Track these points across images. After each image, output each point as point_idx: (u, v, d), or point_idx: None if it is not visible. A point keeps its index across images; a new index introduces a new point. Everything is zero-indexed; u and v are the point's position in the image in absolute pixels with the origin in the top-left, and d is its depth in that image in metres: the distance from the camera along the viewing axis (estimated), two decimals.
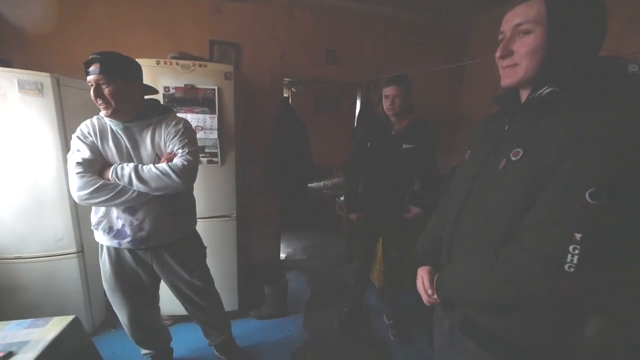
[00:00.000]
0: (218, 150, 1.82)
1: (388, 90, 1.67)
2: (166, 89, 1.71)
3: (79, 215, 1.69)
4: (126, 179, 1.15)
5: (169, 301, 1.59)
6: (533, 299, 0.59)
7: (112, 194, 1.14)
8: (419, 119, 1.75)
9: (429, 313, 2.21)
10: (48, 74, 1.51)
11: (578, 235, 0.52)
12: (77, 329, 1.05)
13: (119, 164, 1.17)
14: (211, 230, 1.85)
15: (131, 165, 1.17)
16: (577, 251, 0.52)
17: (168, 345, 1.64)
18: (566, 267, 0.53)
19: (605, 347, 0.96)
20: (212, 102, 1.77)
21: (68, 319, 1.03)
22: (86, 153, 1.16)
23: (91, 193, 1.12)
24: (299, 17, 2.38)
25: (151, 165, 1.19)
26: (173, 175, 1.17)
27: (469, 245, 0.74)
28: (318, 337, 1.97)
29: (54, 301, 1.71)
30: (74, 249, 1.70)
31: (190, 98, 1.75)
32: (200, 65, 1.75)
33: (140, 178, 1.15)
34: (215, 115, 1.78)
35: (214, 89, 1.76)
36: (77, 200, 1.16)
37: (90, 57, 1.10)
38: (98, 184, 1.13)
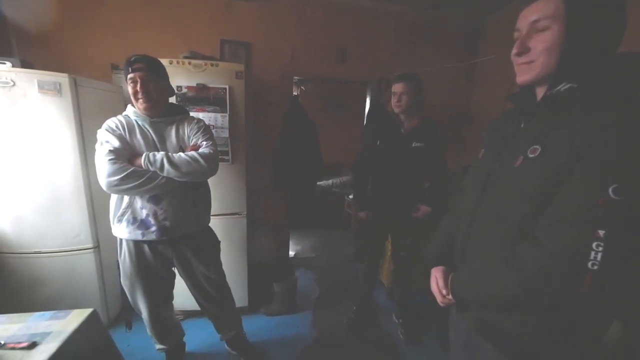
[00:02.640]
0: (229, 149, 1.84)
1: (396, 87, 1.67)
2: (179, 88, 1.74)
3: (95, 212, 1.74)
4: (158, 164, 1.22)
5: (180, 296, 1.63)
6: (552, 297, 0.58)
7: (141, 180, 1.20)
8: (427, 118, 1.74)
9: (441, 313, 2.19)
10: (66, 75, 1.55)
11: (601, 232, 0.51)
12: (95, 321, 1.08)
13: (151, 152, 1.25)
14: (222, 227, 1.88)
15: (162, 152, 1.26)
16: (600, 248, 0.51)
17: (181, 340, 1.68)
18: (589, 264, 0.52)
19: (627, 354, 0.93)
20: (224, 101, 1.79)
21: (87, 311, 1.07)
22: (116, 143, 1.22)
23: (122, 179, 1.18)
24: (309, 15, 2.38)
25: (180, 153, 1.29)
26: (202, 161, 1.28)
27: (483, 244, 0.73)
28: (326, 335, 1.98)
29: (71, 295, 1.76)
30: (90, 245, 1.75)
31: (202, 97, 1.77)
32: (212, 65, 1.77)
33: (172, 163, 1.23)
34: (227, 114, 1.81)
35: (225, 88, 1.78)
36: (105, 187, 1.20)
37: (133, 57, 1.23)
38: (129, 170, 1.19)
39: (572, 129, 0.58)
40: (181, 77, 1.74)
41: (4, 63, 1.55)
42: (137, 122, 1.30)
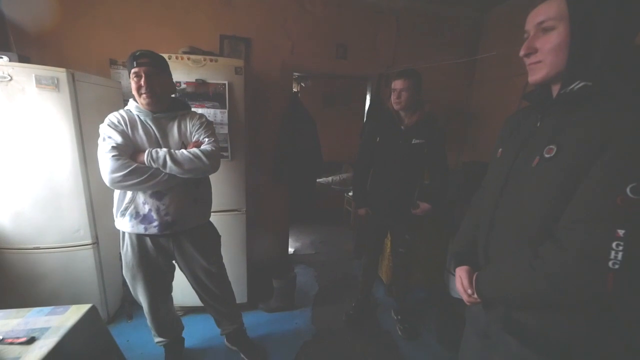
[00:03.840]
0: (228, 145, 1.84)
1: (396, 84, 1.66)
2: (178, 83, 1.72)
3: (94, 208, 1.74)
4: (161, 161, 1.23)
5: (180, 292, 1.64)
6: (574, 296, 0.58)
7: (144, 176, 1.21)
8: (427, 114, 1.73)
9: (439, 310, 2.20)
10: (64, 69, 1.54)
11: (621, 232, 0.51)
12: (94, 316, 1.08)
13: (153, 149, 1.25)
14: (221, 223, 1.86)
15: (164, 149, 1.26)
16: (620, 247, 0.51)
17: (180, 335, 1.68)
18: (610, 263, 0.52)
19: None
20: (223, 97, 1.78)
21: (86, 307, 1.07)
22: (118, 139, 1.22)
23: (125, 175, 1.18)
24: (309, 10, 2.36)
25: (183, 150, 1.29)
26: (204, 158, 1.28)
27: (505, 244, 0.74)
28: (325, 331, 1.99)
29: (70, 290, 1.76)
30: (89, 241, 1.75)
31: (201, 93, 1.76)
32: (211, 60, 1.76)
33: (174, 160, 1.24)
34: (226, 110, 1.80)
35: (224, 84, 1.77)
36: (108, 183, 1.21)
37: (138, 52, 1.23)
38: (132, 167, 1.19)
39: (587, 127, 0.58)
40: (180, 72, 1.73)
41: (1, 57, 1.53)
42: (139, 117, 1.30)
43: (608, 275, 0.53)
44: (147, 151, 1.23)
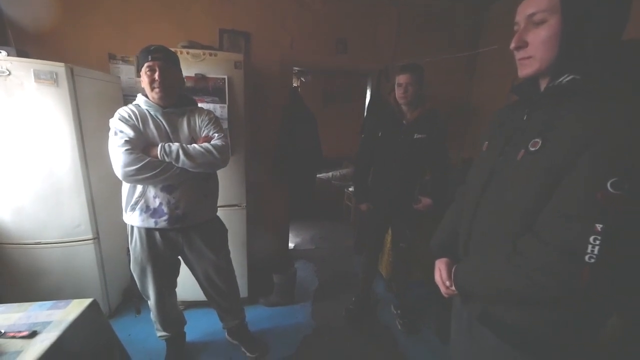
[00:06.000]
0: (228, 140, 1.82)
1: (401, 78, 1.65)
2: None
3: (94, 203, 1.74)
4: (174, 155, 1.24)
5: (181, 287, 1.64)
6: (551, 291, 0.58)
7: (157, 170, 1.22)
8: (431, 109, 1.72)
9: (438, 304, 2.22)
10: (62, 64, 1.53)
11: (599, 226, 0.51)
12: (95, 311, 1.09)
13: (166, 143, 1.26)
14: (222, 219, 1.87)
15: (177, 143, 1.28)
16: (597, 242, 0.51)
17: (182, 329, 1.70)
18: (586, 257, 0.52)
19: (624, 346, 0.94)
20: (222, 92, 1.77)
21: (87, 301, 1.07)
22: (130, 133, 1.23)
23: (138, 169, 1.19)
24: (309, 4, 2.34)
25: (194, 145, 1.31)
26: (215, 153, 1.31)
27: (486, 238, 0.74)
28: (325, 325, 2.00)
29: (72, 285, 1.77)
30: (90, 236, 1.75)
31: (201, 87, 1.75)
32: (211, 55, 1.75)
33: (187, 154, 1.26)
34: (225, 105, 1.79)
35: (224, 78, 1.76)
36: (121, 177, 1.22)
37: (152, 47, 1.25)
38: (145, 161, 1.21)
39: (573, 121, 0.58)
40: None
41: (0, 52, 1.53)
42: (149, 112, 1.31)
43: (584, 269, 0.53)
44: (160, 145, 1.24)
